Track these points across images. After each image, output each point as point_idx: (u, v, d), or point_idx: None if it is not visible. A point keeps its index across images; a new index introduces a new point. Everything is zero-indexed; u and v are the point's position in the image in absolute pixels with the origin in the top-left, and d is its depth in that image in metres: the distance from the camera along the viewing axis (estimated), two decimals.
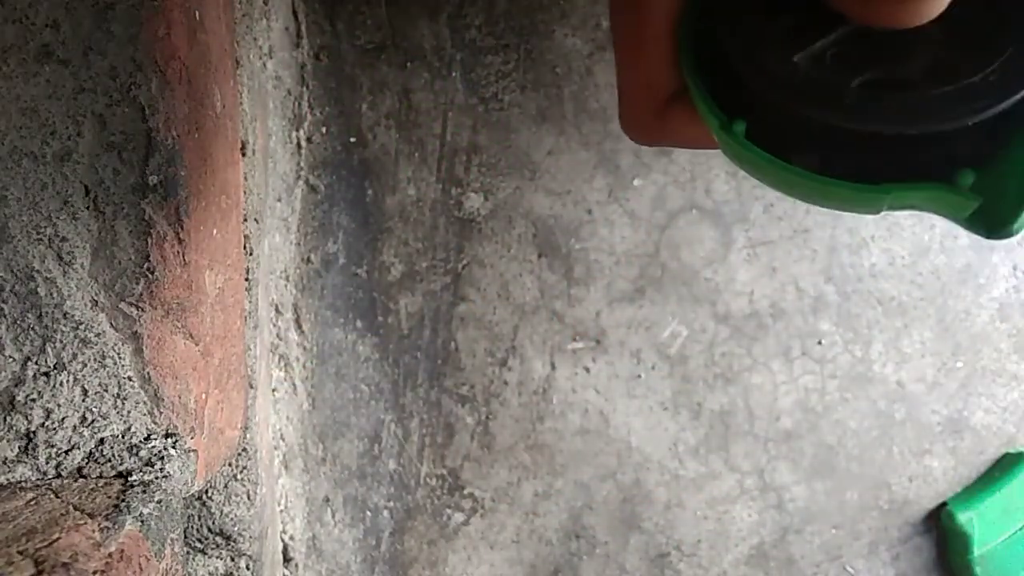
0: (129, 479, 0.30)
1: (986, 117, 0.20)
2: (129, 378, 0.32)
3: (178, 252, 0.33)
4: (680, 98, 0.25)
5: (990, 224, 0.21)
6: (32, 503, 0.28)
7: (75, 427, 0.31)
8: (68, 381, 0.31)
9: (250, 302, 0.44)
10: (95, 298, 0.31)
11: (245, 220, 0.43)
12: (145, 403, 0.32)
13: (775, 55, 0.22)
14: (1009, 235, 0.21)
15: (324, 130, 0.57)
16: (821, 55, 0.22)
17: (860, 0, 0.19)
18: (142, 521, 0.28)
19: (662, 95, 0.25)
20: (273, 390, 0.56)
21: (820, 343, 0.59)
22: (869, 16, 0.20)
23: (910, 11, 0.19)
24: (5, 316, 0.30)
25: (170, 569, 0.30)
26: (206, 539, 0.41)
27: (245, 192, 0.43)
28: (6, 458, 0.30)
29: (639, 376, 0.59)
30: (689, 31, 0.24)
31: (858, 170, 0.22)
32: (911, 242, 0.59)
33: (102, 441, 0.31)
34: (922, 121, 0.20)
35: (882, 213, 0.23)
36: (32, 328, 0.30)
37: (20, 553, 0.24)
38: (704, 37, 0.24)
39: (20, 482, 0.30)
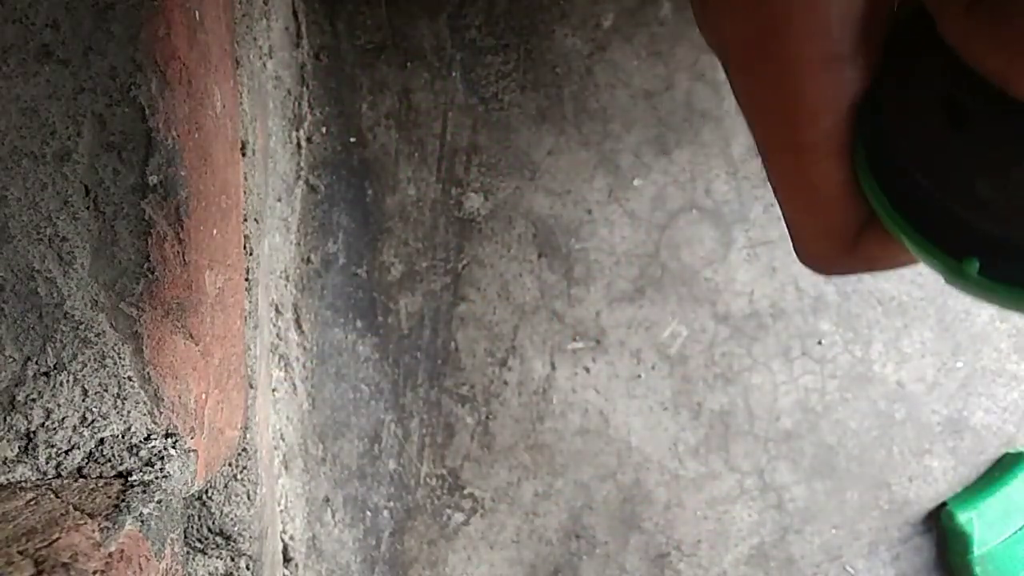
0: (129, 479, 0.30)
1: None
2: (129, 378, 0.32)
3: (178, 252, 0.33)
4: (870, 227, 0.22)
5: None
6: (32, 503, 0.28)
7: (75, 427, 0.31)
8: (68, 381, 0.31)
9: (250, 302, 0.44)
10: (95, 298, 0.31)
11: (245, 220, 0.43)
12: (145, 403, 0.32)
13: (987, 179, 0.19)
14: None
15: (324, 130, 0.57)
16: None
17: None
18: (142, 521, 0.28)
19: (849, 233, 0.22)
20: (273, 390, 0.56)
21: (820, 343, 0.59)
22: None
23: None
24: (5, 316, 0.30)
25: (170, 569, 0.30)
26: (206, 539, 0.41)
27: (245, 192, 0.43)
28: (6, 458, 0.30)
29: (639, 376, 0.59)
30: (868, 168, 0.21)
31: None
32: None
33: (102, 441, 0.31)
34: None
35: None
36: (32, 328, 0.30)
37: (20, 553, 0.24)
38: (884, 163, 0.21)
39: (20, 482, 0.30)
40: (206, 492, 0.41)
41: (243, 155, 0.43)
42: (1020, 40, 0.16)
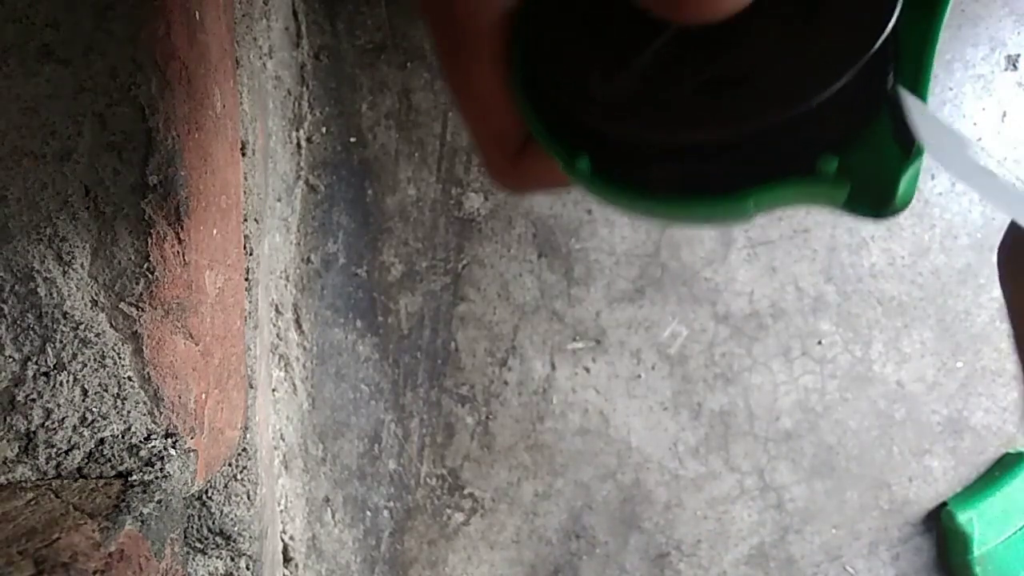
0: (129, 479, 0.30)
1: (830, 94, 0.18)
2: (129, 378, 0.32)
3: (178, 252, 0.33)
4: (533, 142, 0.24)
5: (873, 204, 0.19)
6: (32, 503, 0.28)
7: (75, 427, 0.31)
8: (68, 381, 0.31)
9: (250, 302, 0.44)
10: (95, 298, 0.31)
11: (245, 220, 0.43)
12: (145, 403, 0.32)
13: (599, 79, 0.21)
14: (895, 212, 0.19)
15: (324, 130, 0.56)
16: (646, 69, 0.20)
17: None
18: (142, 521, 0.28)
19: (513, 143, 0.24)
20: (273, 390, 0.56)
21: (820, 343, 0.59)
22: (675, 12, 0.18)
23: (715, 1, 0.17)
24: (5, 316, 0.30)
25: (170, 569, 0.30)
26: (206, 539, 0.41)
27: (245, 192, 0.43)
28: (6, 458, 0.30)
29: (639, 376, 0.59)
30: (520, 74, 0.23)
31: (715, 180, 0.20)
32: (911, 242, 0.59)
33: (102, 441, 0.31)
34: (762, 114, 0.18)
35: (756, 216, 0.21)
36: (32, 328, 0.30)
37: (20, 553, 0.24)
38: (529, 70, 0.22)
39: (20, 482, 0.30)
40: (206, 492, 0.41)
41: (243, 155, 0.43)
42: None
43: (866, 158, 0.19)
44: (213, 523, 0.41)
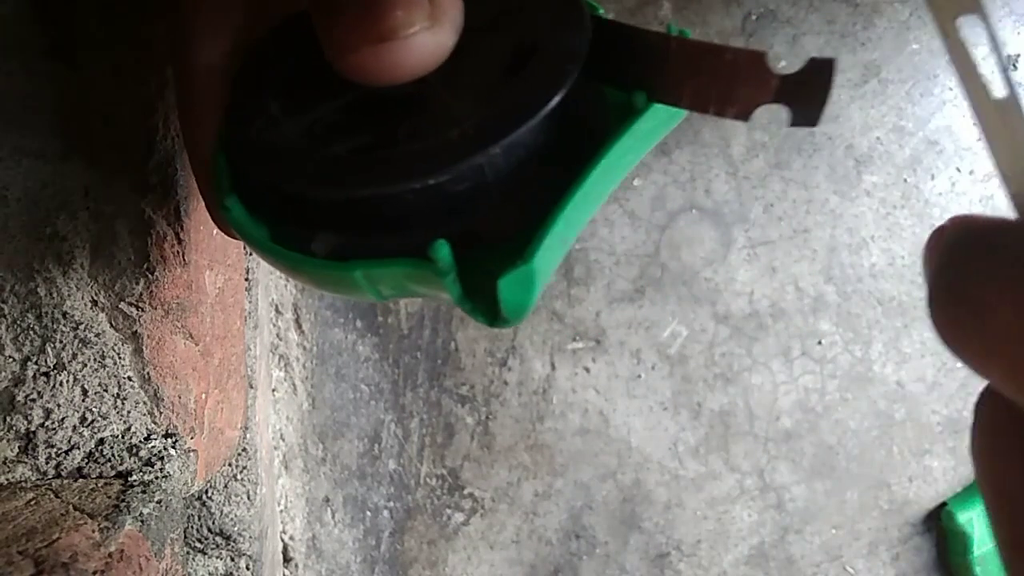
0: (129, 479, 0.30)
1: (450, 176, 0.17)
2: (129, 378, 0.32)
3: (178, 252, 0.33)
4: None
5: (482, 309, 0.17)
6: (32, 503, 0.28)
7: (75, 427, 0.31)
8: (68, 381, 0.31)
9: (250, 302, 0.44)
10: (95, 298, 0.31)
11: None
12: (145, 403, 0.32)
13: (258, 130, 0.20)
14: (505, 322, 0.17)
15: None
16: (312, 126, 0.20)
17: (336, 49, 0.17)
18: (142, 521, 0.28)
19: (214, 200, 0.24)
20: (273, 390, 0.56)
21: (820, 343, 0.59)
22: (349, 69, 0.17)
23: (388, 64, 0.17)
24: (5, 316, 0.30)
25: (170, 569, 0.30)
26: (206, 539, 0.41)
27: None
28: (6, 458, 0.30)
29: (639, 376, 0.59)
30: (225, 130, 0.23)
31: (339, 247, 0.19)
32: (911, 242, 0.59)
33: (102, 441, 0.31)
34: (393, 182, 0.17)
35: (388, 299, 0.20)
36: (32, 328, 0.30)
37: (20, 553, 0.24)
38: (236, 138, 0.22)
39: (20, 482, 0.30)
40: (206, 492, 0.41)
41: None
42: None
43: (478, 255, 0.17)
44: (213, 523, 0.41)
